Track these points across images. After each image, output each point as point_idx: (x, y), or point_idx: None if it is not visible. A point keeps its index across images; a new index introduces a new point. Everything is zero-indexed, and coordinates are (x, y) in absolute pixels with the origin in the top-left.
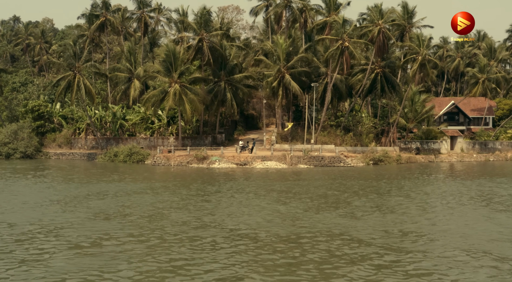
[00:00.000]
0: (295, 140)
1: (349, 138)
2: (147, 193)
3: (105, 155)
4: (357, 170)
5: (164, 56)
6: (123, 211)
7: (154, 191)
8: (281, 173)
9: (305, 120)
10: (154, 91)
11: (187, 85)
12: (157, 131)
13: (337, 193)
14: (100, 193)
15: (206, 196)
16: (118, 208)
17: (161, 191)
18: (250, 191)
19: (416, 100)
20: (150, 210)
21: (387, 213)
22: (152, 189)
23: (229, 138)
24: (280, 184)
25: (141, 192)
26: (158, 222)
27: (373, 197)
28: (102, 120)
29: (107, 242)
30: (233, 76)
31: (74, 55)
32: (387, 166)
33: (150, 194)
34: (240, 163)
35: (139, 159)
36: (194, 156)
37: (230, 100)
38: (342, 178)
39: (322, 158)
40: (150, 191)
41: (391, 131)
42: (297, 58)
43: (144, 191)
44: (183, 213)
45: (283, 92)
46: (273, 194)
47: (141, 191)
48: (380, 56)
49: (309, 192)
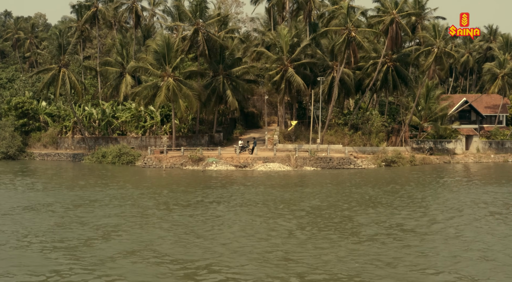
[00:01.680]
0: (299, 139)
1: (357, 137)
2: (111, 203)
3: (92, 155)
4: (369, 173)
5: (157, 47)
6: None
7: (123, 200)
8: (285, 176)
9: (310, 118)
10: (145, 84)
11: (181, 79)
12: (150, 130)
13: (354, 208)
14: (56, 203)
15: (186, 210)
16: (48, 225)
17: (133, 200)
18: (245, 202)
19: (431, 97)
20: (91, 230)
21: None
22: (123, 198)
23: (228, 138)
24: (283, 192)
25: (105, 201)
26: (91, 249)
27: (397, 218)
28: (91, 118)
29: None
30: (232, 70)
31: (59, 47)
32: (401, 168)
33: (115, 204)
34: (240, 165)
35: (129, 160)
36: (188, 157)
37: (229, 96)
38: (355, 183)
39: (330, 159)
40: (117, 201)
41: (403, 130)
42: (301, 50)
43: (111, 200)
44: (133, 238)
45: (286, 87)
46: (272, 208)
47: (106, 199)
48: (393, 48)
49: (318, 206)
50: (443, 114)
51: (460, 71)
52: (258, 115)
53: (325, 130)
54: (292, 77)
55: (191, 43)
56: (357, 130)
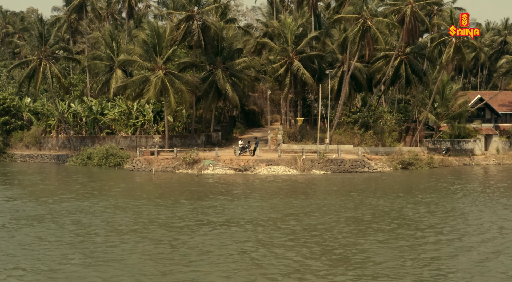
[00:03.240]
0: (305, 139)
1: (368, 137)
2: (52, 223)
3: (77, 157)
4: (386, 178)
5: (146, 37)
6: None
7: (87, 217)
8: (291, 182)
9: (316, 116)
10: (134, 78)
11: (174, 72)
12: (141, 129)
13: (381, 235)
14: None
15: (165, 239)
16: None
17: (99, 222)
18: (240, 221)
19: (447, 92)
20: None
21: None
22: (90, 213)
23: (227, 137)
24: (289, 207)
25: (58, 220)
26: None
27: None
28: (77, 116)
29: None
30: (232, 63)
31: (40, 37)
32: (419, 171)
33: (53, 223)
34: (240, 168)
35: (117, 162)
36: (182, 159)
37: (228, 91)
38: (373, 191)
39: (342, 161)
40: (70, 225)
41: (418, 129)
42: (308, 40)
43: (61, 216)
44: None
45: (291, 81)
46: (274, 231)
47: (48, 216)
48: (409, 40)
49: (334, 230)
50: (462, 111)
51: (469, 68)
52: (259, 113)
53: (334, 129)
54: (298, 70)
55: (185, 32)
56: (368, 129)
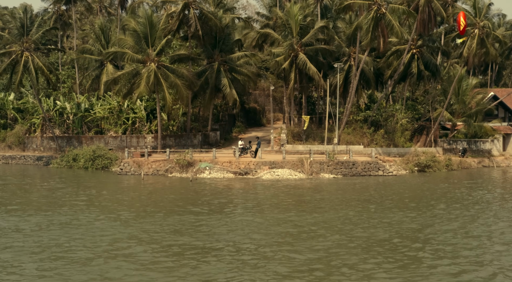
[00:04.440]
0: (311, 139)
1: (379, 136)
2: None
3: (61, 159)
4: (403, 182)
5: (137, 27)
6: None
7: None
8: (297, 188)
9: (322, 114)
10: (123, 71)
11: (168, 65)
12: (132, 128)
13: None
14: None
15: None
16: None
17: (27, 236)
18: (230, 248)
19: (464, 88)
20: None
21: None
22: (45, 228)
23: (226, 137)
24: (294, 225)
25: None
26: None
27: None
28: (64, 114)
29: None
30: (231, 56)
31: (21, 27)
32: (437, 174)
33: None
34: (240, 172)
35: (105, 164)
36: (175, 162)
37: (226, 87)
38: (395, 199)
39: (354, 163)
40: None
41: (433, 128)
42: (315, 31)
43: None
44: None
45: (296, 76)
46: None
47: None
48: (424, 31)
49: (353, 264)
50: (479, 109)
51: (496, 61)
52: (260, 111)
53: (343, 128)
54: (304, 64)
55: (180, 22)
56: (378, 128)
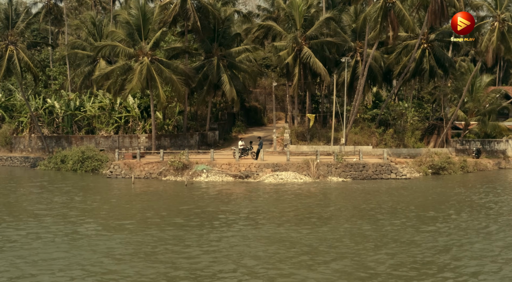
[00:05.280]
0: (316, 139)
1: (389, 136)
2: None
3: (49, 160)
4: (418, 187)
5: (129, 18)
6: None
7: None
8: (303, 194)
9: (332, 112)
10: (114, 66)
11: (163, 59)
12: (124, 127)
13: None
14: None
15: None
16: None
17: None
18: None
19: (478, 86)
20: None
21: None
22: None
23: (225, 137)
24: (299, 244)
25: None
26: None
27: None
28: (54, 112)
29: None
30: (231, 50)
31: (6, 19)
32: (452, 177)
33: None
34: (240, 175)
35: (94, 166)
36: (169, 164)
37: (225, 83)
38: (413, 213)
39: (364, 166)
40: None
41: (446, 127)
42: (321, 23)
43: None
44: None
45: (300, 71)
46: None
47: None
48: (435, 24)
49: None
50: (493, 108)
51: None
52: (261, 110)
53: (350, 127)
54: (309, 59)
55: (177, 13)
56: (386, 127)
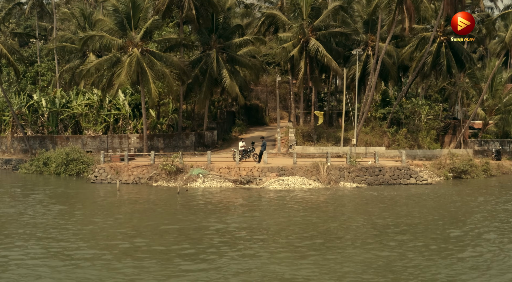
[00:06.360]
0: (324, 139)
1: (402, 136)
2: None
3: (31, 163)
4: (443, 193)
5: (117, 4)
6: None
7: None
8: (313, 204)
9: (342, 109)
10: (100, 59)
11: (154, 51)
12: (114, 127)
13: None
14: None
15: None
16: None
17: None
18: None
19: (498, 82)
20: None
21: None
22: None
23: (224, 137)
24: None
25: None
26: None
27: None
28: (39, 110)
29: None
30: (231, 42)
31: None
32: (476, 181)
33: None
34: (241, 180)
35: (79, 169)
36: (161, 168)
37: (225, 78)
38: (451, 229)
39: (380, 169)
40: None
41: (464, 127)
42: (329, 12)
43: None
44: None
45: (306, 65)
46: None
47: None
48: (452, 14)
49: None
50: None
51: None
52: (262, 109)
53: (361, 127)
54: (316, 51)
55: (171, 1)
56: (399, 126)
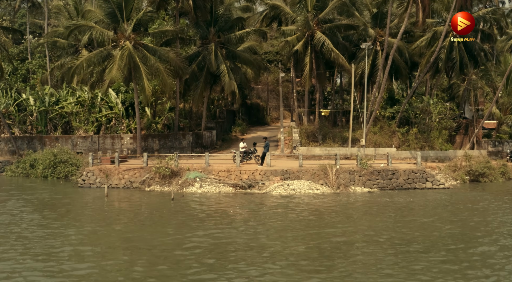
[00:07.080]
0: (329, 139)
1: (412, 137)
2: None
3: (17, 165)
4: (464, 198)
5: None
6: None
7: None
8: (321, 214)
9: (350, 108)
10: (90, 54)
11: (148, 44)
12: (106, 127)
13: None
14: None
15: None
16: None
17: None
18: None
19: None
20: None
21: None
22: None
23: (224, 138)
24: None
25: None
26: None
27: None
28: (28, 108)
29: None
30: (231, 35)
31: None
32: (495, 185)
33: None
34: (242, 184)
35: (68, 172)
36: (154, 171)
37: (224, 73)
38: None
39: (394, 173)
40: None
41: (478, 127)
42: (336, 4)
43: None
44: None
45: (311, 60)
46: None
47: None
48: (465, 6)
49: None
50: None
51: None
52: (263, 108)
53: (369, 126)
54: (322, 45)
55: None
56: (409, 126)
